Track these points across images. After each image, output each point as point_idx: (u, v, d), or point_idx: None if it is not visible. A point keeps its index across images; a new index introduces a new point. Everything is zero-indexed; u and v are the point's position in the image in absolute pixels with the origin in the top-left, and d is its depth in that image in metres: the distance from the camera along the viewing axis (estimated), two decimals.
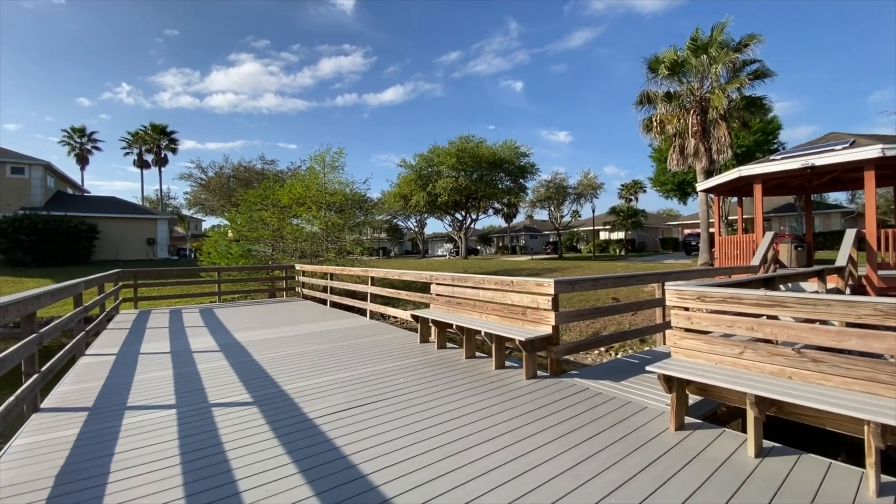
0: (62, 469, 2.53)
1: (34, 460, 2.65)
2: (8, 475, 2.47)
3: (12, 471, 2.52)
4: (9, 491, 2.29)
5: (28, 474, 2.47)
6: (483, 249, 56.15)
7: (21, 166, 23.90)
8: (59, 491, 2.28)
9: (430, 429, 2.99)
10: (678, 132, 18.31)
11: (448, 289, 5.55)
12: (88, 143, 43.02)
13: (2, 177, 23.30)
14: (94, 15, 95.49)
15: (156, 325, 7.72)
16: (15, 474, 2.48)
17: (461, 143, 32.42)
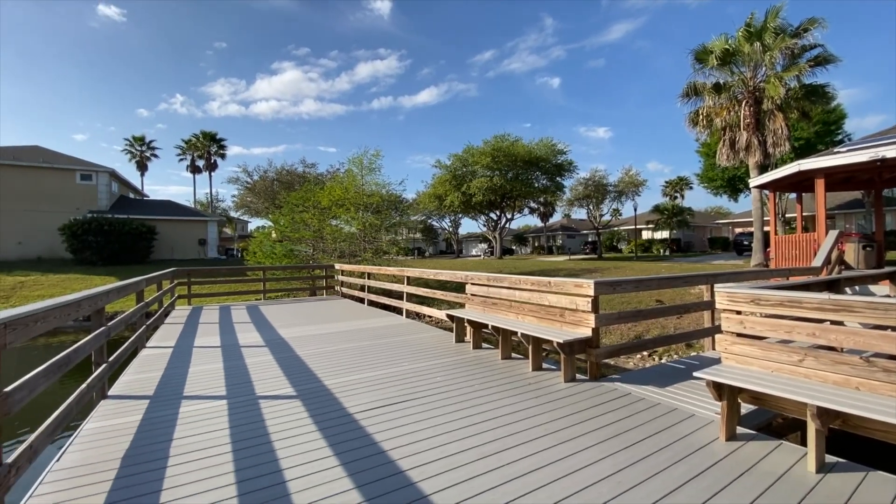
0: (127, 452, 2.74)
1: (103, 443, 2.90)
2: (81, 456, 2.71)
3: (84, 452, 2.77)
4: (82, 470, 2.52)
5: (98, 455, 2.70)
6: (518, 249, 55.47)
7: (89, 173, 26.13)
8: (125, 472, 2.48)
9: (466, 428, 2.99)
10: (728, 125, 17.25)
11: (483, 289, 5.53)
12: (147, 150, 46.42)
13: (72, 183, 25.58)
14: (151, 31, 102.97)
15: (207, 321, 8.20)
16: (87, 455, 2.72)
17: (496, 141, 32.14)
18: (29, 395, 2.31)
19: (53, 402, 3.11)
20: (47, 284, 18.21)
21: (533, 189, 33.23)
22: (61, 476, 2.45)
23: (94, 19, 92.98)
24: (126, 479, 2.40)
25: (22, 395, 2.22)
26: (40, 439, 2.48)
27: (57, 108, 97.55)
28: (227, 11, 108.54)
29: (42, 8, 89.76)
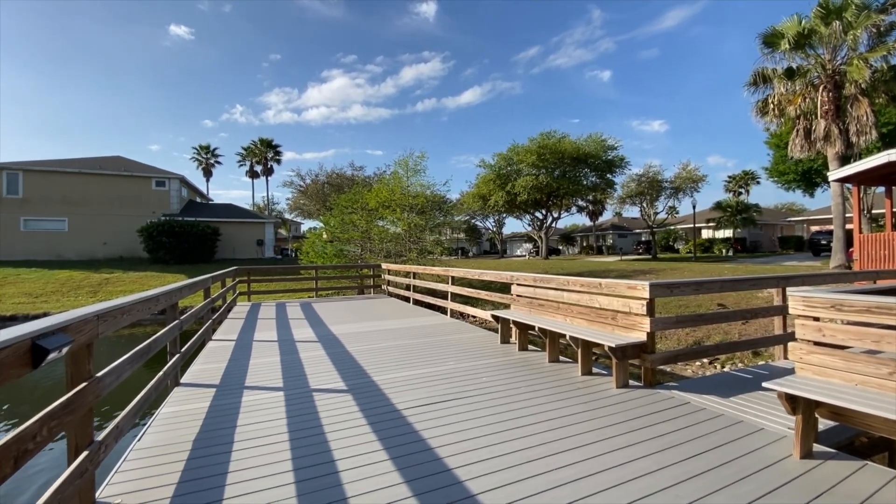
0: (198, 435, 2.99)
1: (177, 426, 3.17)
2: (158, 437, 2.98)
3: (161, 434, 3.05)
4: (159, 450, 2.77)
5: (173, 438, 2.96)
6: (565, 249, 54.01)
7: (163, 180, 28.68)
8: (196, 454, 2.70)
9: (514, 430, 2.96)
10: (802, 113, 15.70)
11: (530, 290, 5.44)
12: (212, 158, 50.15)
13: (149, 189, 28.20)
14: (215, 47, 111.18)
15: (265, 317, 8.73)
16: (163, 437, 2.99)
17: (542, 139, 31.45)
18: (116, 380, 2.57)
19: (131, 388, 3.45)
20: (128, 281, 20.22)
21: (581, 187, 32.14)
22: (142, 455, 2.71)
23: (167, 38, 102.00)
24: (197, 460, 2.62)
25: (111, 380, 2.48)
26: (125, 420, 2.75)
27: (135, 121, 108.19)
28: (283, 25, 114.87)
29: (123, 30, 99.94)
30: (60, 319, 1.89)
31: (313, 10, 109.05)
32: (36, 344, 1.58)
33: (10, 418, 6.47)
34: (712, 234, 39.97)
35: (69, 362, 2.09)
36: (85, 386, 2.10)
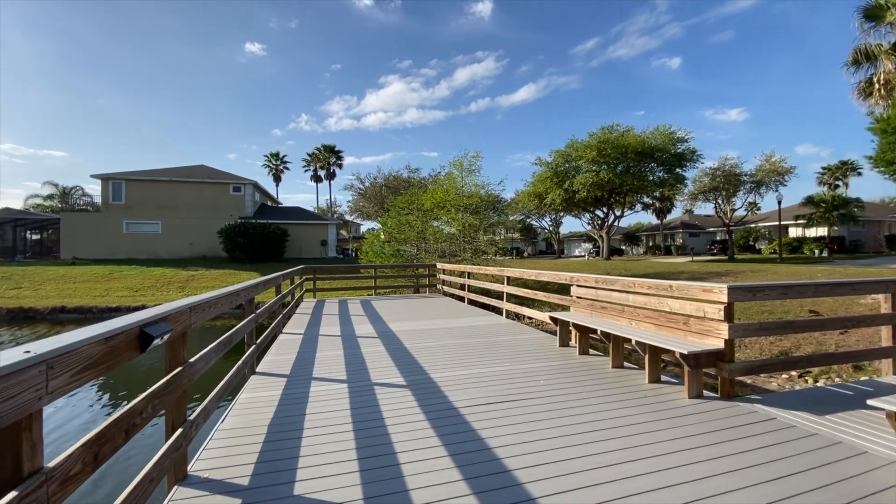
0: (272, 420, 3.22)
1: (254, 411, 3.45)
2: (238, 420, 3.26)
3: (240, 417, 3.32)
4: (239, 432, 3.03)
5: (250, 421, 3.22)
6: (628, 249, 51.19)
7: (239, 185, 31.34)
8: (271, 437, 2.92)
9: (577, 435, 2.86)
10: None
11: (591, 291, 5.22)
12: (281, 164, 53.95)
13: (227, 194, 30.95)
14: (284, 61, 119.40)
15: (329, 312, 9.21)
16: (242, 420, 3.26)
17: (603, 133, 29.98)
18: (205, 366, 2.85)
19: (212, 375, 3.81)
20: (210, 278, 22.34)
21: (647, 183, 30.17)
22: (225, 435, 2.98)
23: (242, 55, 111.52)
24: (272, 444, 2.82)
25: (200, 366, 2.76)
26: (212, 403, 3.04)
27: (215, 132, 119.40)
28: (344, 35, 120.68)
29: (204, 51, 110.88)
30: (161, 310, 2.13)
31: (373, 19, 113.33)
32: (143, 331, 1.80)
33: (108, 402, 7.43)
34: (802, 232, 35.78)
35: (167, 349, 2.35)
36: (180, 370, 2.36)
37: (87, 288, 19.78)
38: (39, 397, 1.21)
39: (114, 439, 1.62)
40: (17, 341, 13.00)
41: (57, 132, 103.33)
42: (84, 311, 17.01)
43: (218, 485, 2.31)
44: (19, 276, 20.94)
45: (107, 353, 1.57)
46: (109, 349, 1.59)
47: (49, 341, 1.34)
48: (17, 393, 1.12)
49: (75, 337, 1.41)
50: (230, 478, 2.38)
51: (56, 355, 1.28)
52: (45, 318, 16.39)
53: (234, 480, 2.35)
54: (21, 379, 1.14)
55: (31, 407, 1.18)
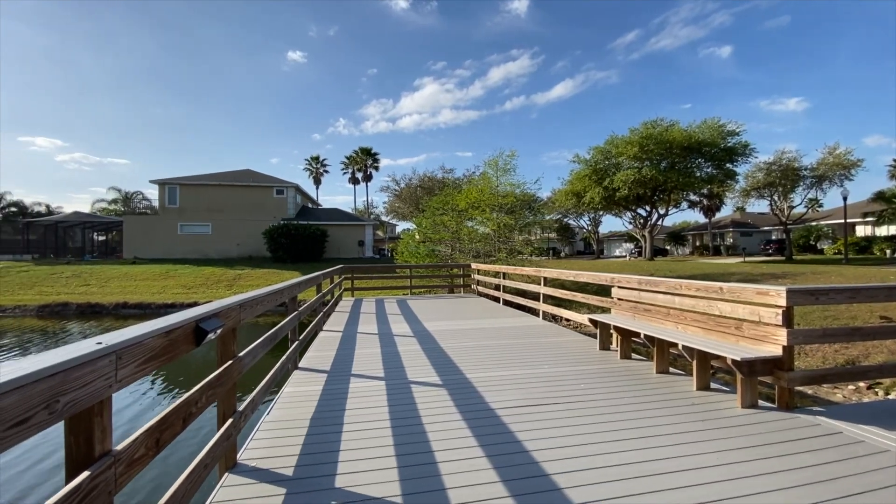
0: (314, 414, 3.33)
1: (296, 405, 3.58)
2: (282, 413, 3.40)
3: (284, 410, 3.46)
4: (283, 424, 3.16)
5: (294, 414, 3.35)
6: (673, 250, 48.91)
7: (281, 188, 32.73)
8: (313, 430, 3.02)
9: (621, 441, 2.76)
10: None
11: (633, 293, 5.03)
12: (320, 167, 55.79)
13: (270, 197, 32.39)
14: (323, 68, 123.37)
15: (366, 311, 9.42)
16: (286, 413, 3.39)
17: (645, 129, 28.76)
18: (252, 360, 2.99)
19: (256, 370, 4.00)
20: (255, 277, 23.45)
21: (693, 179, 28.54)
22: (270, 427, 3.11)
23: (285, 63, 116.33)
24: (314, 436, 2.92)
25: (248, 360, 2.90)
26: (258, 396, 3.19)
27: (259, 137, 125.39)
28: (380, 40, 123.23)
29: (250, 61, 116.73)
30: (214, 307, 2.26)
31: (409, 22, 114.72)
32: (198, 326, 1.91)
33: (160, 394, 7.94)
34: (872, 230, 32.73)
35: (219, 343, 2.49)
36: (231, 364, 2.49)
37: (146, 285, 21.34)
38: (109, 385, 1.32)
39: (173, 426, 1.74)
40: (84, 334, 14.23)
41: (120, 141, 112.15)
42: (143, 307, 18.37)
43: (265, 474, 2.42)
44: (87, 275, 22.92)
45: (167, 346, 1.68)
46: (169, 342, 1.70)
47: (117, 334, 1.46)
48: (90, 381, 1.22)
49: (140, 330, 1.52)
50: (276, 468, 2.49)
51: (124, 347, 1.38)
52: (109, 313, 17.84)
53: (279, 470, 2.45)
54: (94, 368, 1.24)
55: (102, 394, 1.28)
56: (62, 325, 15.38)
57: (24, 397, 0.99)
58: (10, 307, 17.82)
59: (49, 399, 1.07)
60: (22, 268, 24.56)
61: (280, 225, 28.85)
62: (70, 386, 1.14)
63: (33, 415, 1.02)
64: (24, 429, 1.00)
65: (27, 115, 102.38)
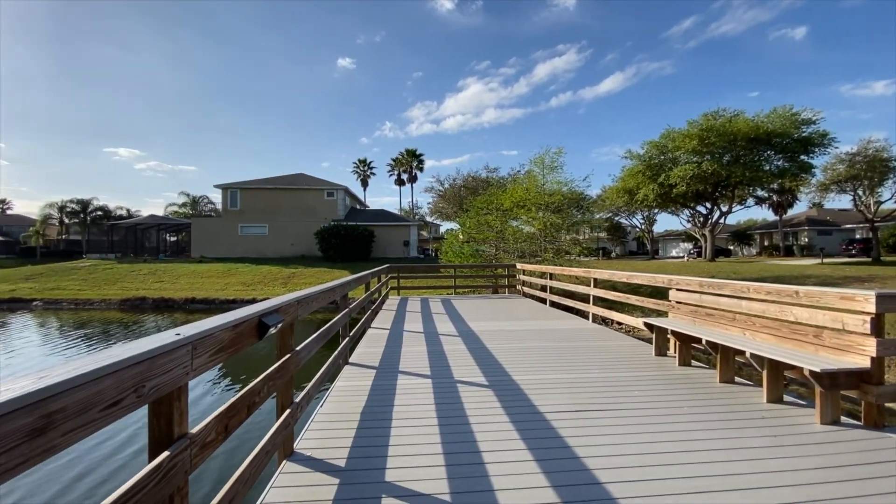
0: (364, 409, 3.44)
1: (348, 398, 3.71)
2: (335, 406, 3.53)
3: (336, 403, 3.60)
4: (336, 417, 3.28)
5: (345, 408, 3.47)
6: (738, 250, 45.37)
7: (332, 191, 34.10)
8: (363, 424, 3.12)
9: (681, 454, 2.60)
10: None
11: (694, 296, 4.72)
12: (368, 170, 57.51)
13: (322, 199, 33.84)
14: (370, 73, 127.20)
15: (412, 310, 9.58)
16: (338, 406, 3.53)
17: (706, 120, 26.76)
18: (308, 354, 3.14)
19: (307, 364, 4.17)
20: (307, 275, 24.60)
21: (761, 173, 26.10)
22: (324, 419, 3.25)
23: (336, 71, 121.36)
24: (364, 430, 3.01)
25: (304, 354, 3.04)
26: (313, 388, 3.34)
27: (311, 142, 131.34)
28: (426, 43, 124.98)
29: (305, 69, 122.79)
30: (275, 303, 2.39)
31: (454, 23, 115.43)
32: (261, 321, 2.03)
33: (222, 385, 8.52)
34: None
35: (278, 337, 2.63)
36: (289, 357, 2.62)
37: (211, 282, 23.08)
38: (186, 373, 1.44)
39: (239, 413, 1.86)
40: (158, 327, 15.65)
41: (189, 149, 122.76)
42: (209, 302, 19.87)
43: (319, 463, 2.53)
44: (161, 272, 25.17)
45: (234, 339, 1.80)
46: (236, 335, 1.82)
47: (192, 326, 1.58)
48: (171, 368, 1.34)
49: (211, 323, 1.64)
50: (329, 458, 2.59)
51: (198, 338, 1.50)
52: (180, 307, 19.47)
53: (332, 461, 2.55)
54: (174, 357, 1.35)
55: (180, 381, 1.40)
56: (139, 318, 17.01)
57: (118, 381, 1.11)
58: (97, 300, 19.97)
59: (137, 384, 1.18)
60: (107, 266, 27.45)
61: (330, 226, 30.07)
62: (154, 372, 1.26)
63: (125, 397, 1.14)
64: (116, 410, 1.12)
65: (111, 128, 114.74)
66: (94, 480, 4.65)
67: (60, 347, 11.73)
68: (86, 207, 50.17)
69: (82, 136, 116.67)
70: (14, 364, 10.00)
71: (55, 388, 0.91)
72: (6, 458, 0.82)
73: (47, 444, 0.91)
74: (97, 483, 4.59)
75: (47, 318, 16.98)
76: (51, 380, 0.92)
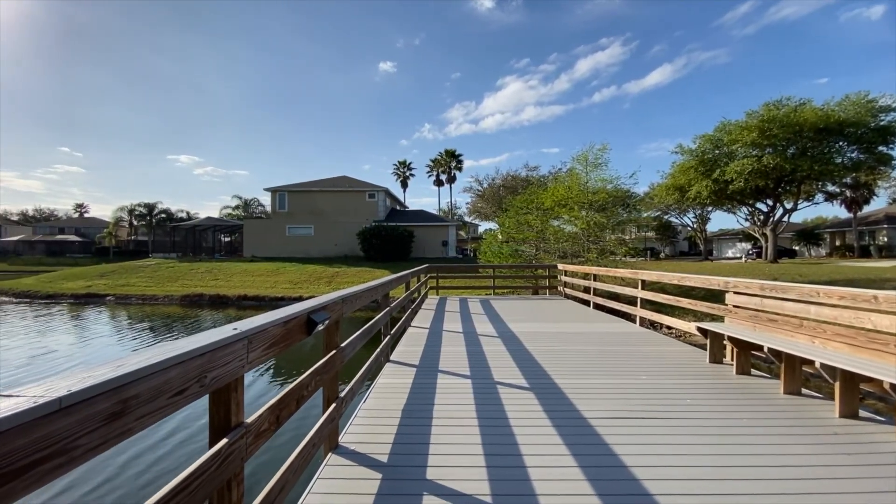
0: (405, 406, 3.49)
1: (390, 395, 3.78)
2: (377, 402, 3.61)
3: (379, 400, 3.67)
4: (378, 413, 3.35)
5: (387, 404, 3.54)
6: (804, 250, 41.74)
7: (373, 192, 34.93)
8: (405, 421, 3.16)
9: (740, 469, 2.43)
10: None
11: (754, 300, 4.39)
12: (407, 171, 58.34)
13: (363, 201, 34.74)
14: (409, 76, 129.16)
15: (451, 310, 9.60)
16: (381, 402, 3.60)
17: (767, 110, 24.76)
18: (352, 351, 3.23)
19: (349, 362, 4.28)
20: (350, 274, 25.34)
21: (832, 166, 23.80)
22: (367, 414, 3.33)
23: (377, 75, 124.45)
24: (406, 427, 3.05)
25: (348, 351, 3.13)
26: (356, 384, 3.43)
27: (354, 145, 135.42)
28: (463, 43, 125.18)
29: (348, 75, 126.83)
30: (322, 301, 2.48)
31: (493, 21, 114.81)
32: (310, 317, 2.11)
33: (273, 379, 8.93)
34: None
35: (325, 334, 2.72)
36: (334, 353, 2.71)
37: (261, 280, 24.34)
38: (242, 365, 1.52)
39: (289, 406, 1.94)
40: (214, 322, 16.70)
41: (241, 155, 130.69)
42: (259, 300, 20.98)
43: (363, 457, 2.59)
44: (217, 270, 26.86)
45: (285, 334, 1.89)
46: (287, 331, 1.90)
47: (247, 322, 1.67)
48: (229, 361, 1.42)
49: (264, 319, 1.73)
50: (372, 453, 2.65)
51: (253, 333, 1.58)
52: (233, 304, 20.70)
53: (375, 456, 2.61)
54: (232, 350, 1.44)
55: (237, 373, 1.48)
56: (197, 314, 18.25)
57: (183, 371, 1.19)
58: (161, 296, 21.65)
59: (200, 374, 1.27)
60: (169, 264, 29.68)
61: (372, 226, 30.82)
62: (215, 364, 1.34)
63: (189, 386, 1.22)
64: (181, 398, 1.20)
65: (173, 136, 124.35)
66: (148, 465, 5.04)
67: (135, 338, 12.84)
68: (151, 210, 54.67)
69: (148, 144, 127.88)
70: (96, 353, 11.06)
71: (130, 377, 0.99)
72: (88, 438, 0.90)
73: (123, 427, 0.99)
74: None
75: (118, 311, 18.64)
76: (126, 368, 1.00)
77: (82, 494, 4.44)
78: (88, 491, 4.50)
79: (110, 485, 4.62)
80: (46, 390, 0.85)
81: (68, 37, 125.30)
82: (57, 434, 0.82)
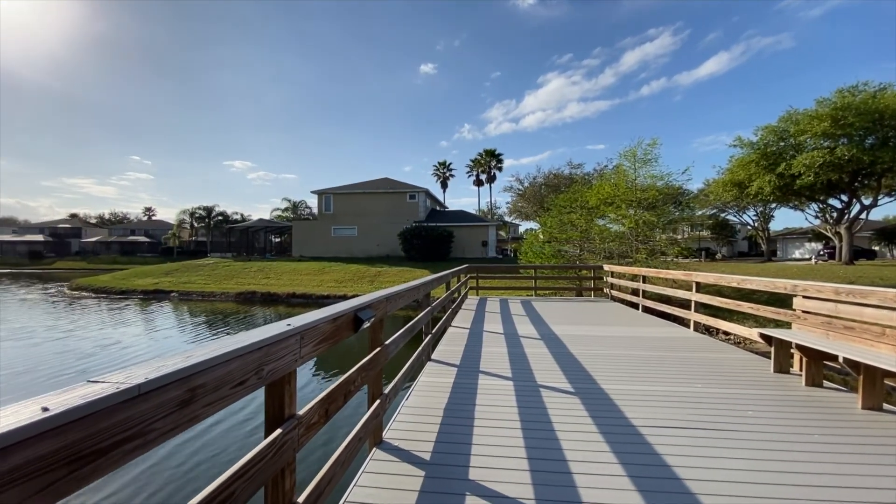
0: (447, 405, 3.50)
1: (431, 394, 3.81)
2: (419, 400, 3.65)
3: (421, 398, 3.71)
4: (420, 410, 3.39)
5: (429, 403, 3.57)
6: (886, 251, 37.66)
7: (414, 193, 35.43)
8: (447, 420, 3.17)
9: (815, 488, 2.23)
10: None
11: (827, 305, 4.01)
12: (447, 172, 58.64)
13: (404, 202, 35.32)
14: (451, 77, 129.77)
15: (491, 310, 9.54)
16: (423, 400, 3.63)
17: (841, 97, 22.42)
18: (395, 349, 3.29)
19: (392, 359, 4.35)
20: (392, 274, 25.85)
21: None
22: (409, 412, 3.37)
23: (418, 77, 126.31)
24: (448, 426, 3.07)
25: (392, 349, 3.19)
26: (399, 382, 3.49)
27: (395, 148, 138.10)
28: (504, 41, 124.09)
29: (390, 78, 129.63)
30: (367, 299, 2.55)
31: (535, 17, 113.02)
32: (356, 315, 2.17)
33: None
34: None
35: (370, 331, 2.79)
36: (379, 350, 2.77)
37: (309, 279, 25.41)
38: (295, 360, 1.59)
39: (336, 400, 2.01)
40: (265, 318, 17.62)
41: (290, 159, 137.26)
42: (307, 297, 21.92)
43: (406, 454, 2.63)
44: (268, 269, 28.34)
45: (334, 331, 1.95)
46: (335, 327, 1.97)
47: (299, 318, 1.74)
48: (283, 355, 1.49)
49: (315, 316, 1.80)
50: (415, 450, 2.68)
51: (305, 329, 1.65)
52: (283, 301, 21.77)
53: (418, 453, 2.64)
54: (286, 344, 1.51)
55: (290, 366, 1.55)
56: (250, 310, 19.36)
57: (243, 363, 1.26)
58: (218, 293, 23.18)
59: (258, 367, 1.34)
60: (226, 264, 31.69)
61: (412, 227, 31.28)
62: (271, 357, 1.41)
63: (248, 378, 1.29)
64: (241, 389, 1.27)
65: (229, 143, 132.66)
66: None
67: (201, 333, 13.84)
68: (210, 213, 58.66)
69: (206, 151, 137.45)
70: (163, 344, 12.05)
71: (198, 367, 1.06)
72: (162, 423, 0.97)
73: (191, 413, 1.06)
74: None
75: (181, 307, 20.15)
76: (194, 359, 1.07)
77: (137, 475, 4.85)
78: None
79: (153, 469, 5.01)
80: (127, 377, 0.93)
81: (144, 55, 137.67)
82: (136, 418, 0.90)
